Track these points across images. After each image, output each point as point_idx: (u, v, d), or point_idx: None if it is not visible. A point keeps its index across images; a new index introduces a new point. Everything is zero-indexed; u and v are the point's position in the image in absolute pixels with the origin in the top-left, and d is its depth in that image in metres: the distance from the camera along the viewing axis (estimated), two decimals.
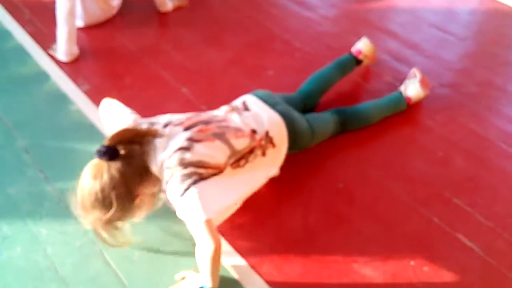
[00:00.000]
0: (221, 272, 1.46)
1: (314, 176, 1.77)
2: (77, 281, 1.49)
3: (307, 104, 1.93)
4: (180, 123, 1.48)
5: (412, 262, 1.49)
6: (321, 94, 2.02)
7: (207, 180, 1.36)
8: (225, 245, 1.55)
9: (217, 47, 2.44)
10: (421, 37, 2.47)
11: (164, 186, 1.38)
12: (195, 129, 1.45)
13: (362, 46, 2.15)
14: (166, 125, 1.47)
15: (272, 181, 1.71)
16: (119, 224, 1.39)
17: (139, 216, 1.44)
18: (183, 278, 1.46)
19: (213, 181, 1.38)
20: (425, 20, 2.59)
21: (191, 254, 1.50)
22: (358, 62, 2.16)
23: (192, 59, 2.36)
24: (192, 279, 1.44)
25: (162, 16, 2.69)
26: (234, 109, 1.64)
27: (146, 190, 1.38)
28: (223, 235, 1.57)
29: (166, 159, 1.36)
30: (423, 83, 2.01)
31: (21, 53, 2.42)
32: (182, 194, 1.32)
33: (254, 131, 1.55)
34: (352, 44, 2.22)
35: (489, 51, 2.37)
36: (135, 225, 1.50)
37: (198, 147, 1.40)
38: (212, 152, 1.42)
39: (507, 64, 2.29)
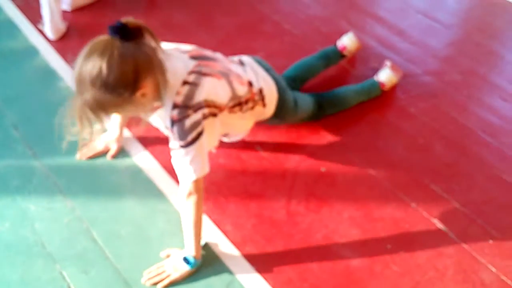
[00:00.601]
0: (205, 250, 1.52)
1: (297, 161, 1.82)
2: (64, 257, 1.53)
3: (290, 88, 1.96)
4: (186, 51, 1.44)
5: (389, 246, 1.56)
6: (304, 82, 2.05)
7: (207, 127, 1.35)
8: (209, 224, 1.60)
9: (208, 28, 2.45)
10: (408, 23, 2.50)
11: (168, 121, 1.33)
12: (202, 62, 1.41)
13: (348, 42, 2.17)
14: (173, 49, 1.43)
15: (256, 164, 1.76)
16: (108, 114, 1.29)
17: (130, 114, 1.36)
18: (168, 256, 1.51)
19: (208, 127, 1.37)
20: (412, 7, 2.62)
21: (176, 233, 1.55)
22: (342, 56, 2.19)
23: (182, 39, 2.32)
24: (177, 256, 1.48)
25: None
26: (231, 61, 1.63)
27: (149, 89, 1.26)
28: (208, 215, 1.62)
29: (182, 82, 1.32)
30: (393, 68, 2.08)
31: (10, 27, 2.40)
32: (184, 145, 1.32)
33: (250, 84, 1.57)
34: (340, 29, 2.26)
35: (474, 39, 2.41)
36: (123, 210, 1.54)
37: (205, 81, 1.36)
38: (218, 90, 1.41)
39: (491, 54, 2.33)
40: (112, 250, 1.54)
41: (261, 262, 1.52)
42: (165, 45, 1.40)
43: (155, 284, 1.45)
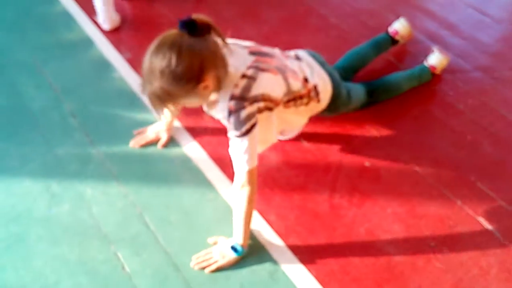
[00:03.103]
0: (250, 239, 1.57)
1: (341, 154, 1.84)
2: (119, 239, 1.62)
3: (342, 78, 1.98)
4: (245, 47, 1.51)
5: (432, 243, 1.57)
6: (356, 71, 2.07)
7: (260, 119, 1.41)
8: (255, 215, 1.66)
9: (253, 22, 2.48)
10: (458, 17, 2.46)
11: (225, 112, 1.40)
12: (260, 58, 1.47)
13: (399, 26, 2.18)
14: (233, 44, 1.49)
15: (301, 157, 1.79)
16: (173, 102, 1.35)
17: (192, 104, 1.44)
18: (215, 243, 1.58)
19: (264, 121, 1.44)
20: (463, 1, 2.57)
21: (223, 221, 1.61)
22: (394, 42, 2.19)
23: (229, 32, 2.41)
24: (224, 243, 1.55)
25: None
26: (288, 56, 1.68)
27: (212, 81, 1.33)
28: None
29: (236, 77, 1.39)
30: (441, 50, 2.08)
31: (67, 19, 2.51)
32: (239, 136, 1.38)
33: (306, 79, 1.62)
34: (388, 22, 2.25)
35: None
36: (173, 197, 1.61)
37: (262, 76, 1.42)
38: (274, 85, 1.47)
39: None
40: (163, 234, 1.62)
41: (304, 253, 1.57)
42: (228, 41, 1.45)
43: (203, 268, 1.52)
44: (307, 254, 1.56)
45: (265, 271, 1.53)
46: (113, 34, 2.40)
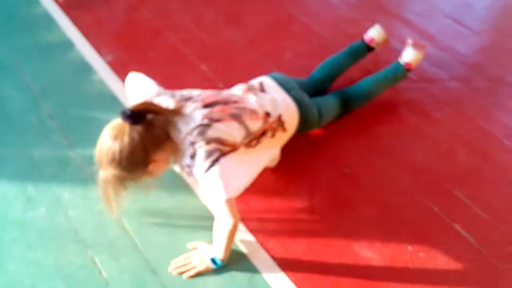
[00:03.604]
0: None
1: (321, 160, 1.86)
2: (96, 243, 1.60)
3: (318, 89, 2.00)
4: (200, 100, 1.54)
5: (409, 248, 1.59)
6: (333, 80, 2.08)
7: (227, 156, 1.44)
8: None
9: (237, 27, 2.49)
10: (436, 27, 2.51)
11: (187, 160, 1.44)
12: (214, 109, 1.52)
13: (375, 33, 2.20)
14: (187, 99, 1.54)
15: (281, 163, 1.80)
16: (129, 183, 1.44)
17: (147, 179, 1.49)
18: (194, 248, 1.57)
19: (231, 158, 1.46)
20: (441, 11, 2.62)
21: (203, 226, 1.61)
22: (370, 49, 2.21)
23: (212, 36, 2.42)
24: (204, 249, 1.54)
25: None
26: (251, 89, 1.70)
27: (161, 157, 1.43)
28: None
29: (188, 134, 1.43)
30: (415, 45, 2.08)
31: (48, 21, 2.49)
32: (206, 171, 1.40)
33: (267, 114, 1.63)
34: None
35: (502, 46, 2.41)
36: (152, 196, 1.61)
37: (217, 125, 1.47)
38: (230, 130, 1.50)
39: None
40: (142, 239, 1.61)
41: (283, 259, 1.57)
42: (185, 92, 1.57)
43: (181, 273, 1.51)
44: (286, 260, 1.56)
45: (244, 276, 1.52)
46: (94, 36, 2.38)
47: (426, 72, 2.16)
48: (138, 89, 1.69)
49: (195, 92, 1.60)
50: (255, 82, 1.77)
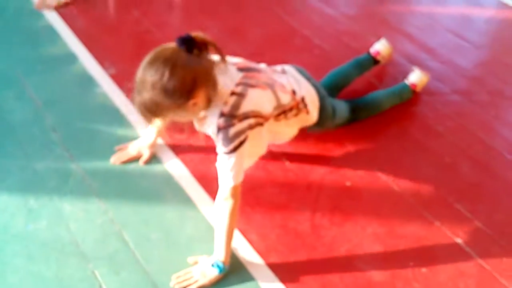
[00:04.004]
0: (231, 258, 1.56)
1: (323, 174, 1.86)
2: (97, 257, 1.59)
3: None
4: (234, 63, 1.51)
5: (411, 263, 1.58)
6: (339, 90, 2.10)
7: (253, 131, 1.43)
8: (236, 233, 1.65)
9: (239, 40, 2.51)
10: (437, 41, 2.52)
11: (214, 128, 1.41)
12: (248, 74, 1.49)
13: (381, 47, 2.24)
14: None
15: (283, 175, 1.80)
16: (161, 115, 1.37)
17: (180, 119, 1.45)
18: (195, 263, 1.56)
19: (255, 136, 1.45)
20: (442, 25, 2.64)
21: (204, 240, 1.60)
22: (375, 62, 2.24)
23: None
24: (205, 262, 1.54)
25: (185, 4, 2.76)
26: (274, 70, 1.70)
27: (201, 98, 1.35)
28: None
29: (225, 94, 1.40)
30: (422, 71, 2.14)
31: (51, 33, 2.51)
32: (227, 152, 1.40)
33: (294, 92, 1.64)
34: (370, 44, 2.30)
35: (503, 60, 2.42)
36: (153, 215, 1.61)
37: (251, 93, 1.43)
38: (263, 100, 1.49)
39: None
40: (142, 253, 1.60)
41: (284, 272, 1.56)
42: (215, 56, 1.48)
43: None
44: (287, 273, 1.56)
45: None
46: (97, 49, 2.39)
47: (428, 85, 2.17)
48: None
49: (229, 57, 1.54)
50: (277, 67, 1.77)
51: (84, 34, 2.50)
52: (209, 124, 1.45)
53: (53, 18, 2.60)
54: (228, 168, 1.42)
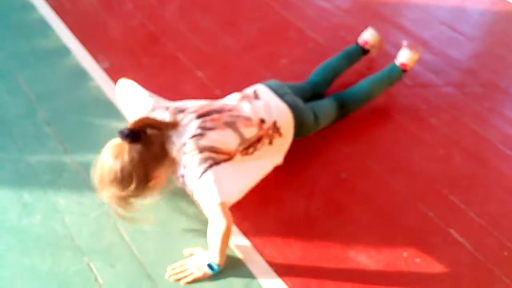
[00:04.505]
0: (227, 251, 1.57)
1: (318, 166, 1.86)
2: (92, 250, 1.60)
3: (316, 93, 2.01)
4: (194, 111, 1.56)
5: (405, 253, 1.60)
6: (330, 83, 2.10)
7: (221, 164, 1.45)
8: (232, 228, 1.65)
9: (233, 33, 2.50)
10: (431, 34, 2.52)
11: (181, 170, 1.47)
12: (207, 118, 1.53)
13: (368, 36, 2.23)
14: (181, 111, 1.56)
15: (278, 169, 1.80)
16: (132, 201, 1.47)
17: (151, 196, 1.53)
18: (191, 255, 1.57)
19: (226, 166, 1.48)
20: (436, 17, 2.64)
21: (199, 232, 1.61)
22: (365, 52, 2.24)
23: (208, 43, 2.43)
24: (200, 256, 1.54)
25: None
26: (245, 97, 1.72)
27: (161, 173, 1.46)
28: None
29: (182, 146, 1.46)
30: (410, 47, 2.10)
31: (44, 27, 2.49)
32: (200, 177, 1.41)
33: (262, 121, 1.63)
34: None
35: (496, 52, 2.43)
36: (148, 204, 1.60)
37: (210, 134, 1.49)
38: (224, 138, 1.51)
39: None
40: (137, 245, 1.60)
41: (279, 265, 1.57)
42: (178, 104, 1.59)
43: (178, 280, 1.51)
44: (282, 266, 1.56)
45: (241, 282, 1.52)
46: (90, 43, 2.38)
47: (421, 77, 2.17)
48: (132, 100, 1.70)
49: (189, 103, 1.62)
50: (249, 90, 1.78)
51: (77, 27, 2.49)
52: (179, 170, 1.50)
53: (46, 11, 2.58)
54: (208, 187, 1.41)
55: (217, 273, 1.53)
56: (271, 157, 1.71)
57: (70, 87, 2.17)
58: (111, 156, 1.38)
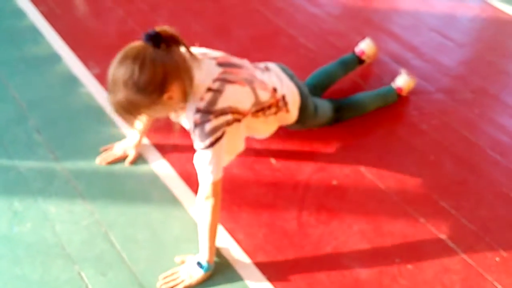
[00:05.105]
0: (217, 257, 1.57)
1: (309, 173, 1.87)
2: (83, 258, 1.59)
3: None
4: (214, 58, 1.51)
5: (397, 260, 1.60)
6: (324, 89, 2.11)
7: (231, 127, 1.43)
8: (223, 233, 1.65)
9: (224, 40, 2.51)
10: (421, 40, 2.54)
11: (187, 118, 1.42)
12: (228, 69, 1.48)
13: (366, 47, 2.25)
14: (202, 54, 1.50)
15: (269, 175, 1.81)
16: (138, 113, 1.35)
17: (157, 115, 1.47)
18: (182, 262, 1.56)
19: (233, 132, 1.45)
20: (426, 24, 2.66)
21: (191, 239, 1.60)
22: (360, 61, 2.25)
23: (197, 45, 2.42)
24: (191, 262, 1.54)
25: (170, 4, 2.75)
26: (257, 67, 1.70)
27: (176, 92, 1.34)
28: (221, 223, 1.67)
29: (199, 90, 1.39)
30: (410, 74, 2.16)
31: (34, 34, 2.47)
32: (203, 148, 1.40)
33: (275, 90, 1.64)
34: (354, 43, 2.31)
35: (486, 58, 2.45)
36: (140, 215, 1.60)
37: (229, 89, 1.42)
38: (241, 97, 1.48)
39: (503, 73, 2.37)
40: (129, 253, 1.60)
41: (271, 271, 1.57)
42: (196, 50, 1.48)
43: None
44: (274, 272, 1.56)
45: None
46: (81, 49, 2.37)
47: (414, 76, 2.18)
48: None
49: (210, 51, 1.56)
50: (260, 64, 1.76)
51: (68, 34, 2.48)
52: (187, 119, 1.45)
53: (36, 18, 2.57)
54: (206, 163, 1.41)
55: (209, 276, 1.53)
56: (271, 127, 1.74)
57: (61, 94, 2.16)
58: (130, 55, 1.26)
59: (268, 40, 2.52)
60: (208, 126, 1.38)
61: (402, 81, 2.13)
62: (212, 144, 1.39)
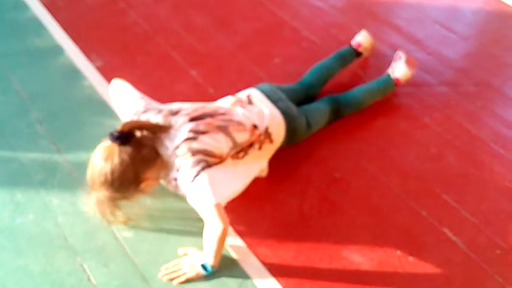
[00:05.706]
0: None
1: (312, 166, 1.87)
2: (85, 250, 1.59)
3: (309, 94, 2.02)
4: (187, 114, 1.55)
5: (398, 252, 1.60)
6: (323, 84, 2.10)
7: (212, 167, 1.45)
8: None
9: (227, 32, 2.50)
10: (424, 33, 2.53)
11: (174, 173, 1.46)
12: (200, 121, 1.52)
13: (362, 39, 2.24)
14: (174, 114, 1.55)
15: (271, 169, 1.80)
16: (122, 203, 1.49)
17: (140, 198, 1.54)
18: (185, 254, 1.57)
19: (218, 169, 1.47)
20: (430, 17, 2.64)
21: (192, 232, 1.61)
22: (358, 54, 2.24)
23: (202, 41, 2.42)
24: (194, 256, 1.54)
25: None
26: (239, 101, 1.72)
27: (152, 175, 1.46)
28: None
29: (174, 149, 1.45)
30: (408, 62, 2.12)
31: (37, 26, 2.48)
32: (193, 180, 1.40)
33: (255, 126, 1.64)
34: None
35: (489, 51, 2.44)
36: (141, 203, 1.60)
37: (203, 137, 1.48)
38: (216, 142, 1.51)
39: (506, 66, 2.35)
40: (131, 245, 1.60)
41: (273, 264, 1.57)
42: (171, 106, 1.58)
43: (171, 279, 1.51)
44: (276, 265, 1.57)
45: (235, 282, 1.52)
46: (84, 42, 2.37)
47: (415, 77, 2.18)
48: (125, 102, 1.69)
49: (182, 105, 1.61)
50: (242, 94, 1.78)
51: (70, 26, 2.48)
52: (171, 174, 1.48)
53: (39, 10, 2.57)
54: (202, 190, 1.40)
55: (211, 274, 1.53)
56: (258, 161, 1.71)
57: (63, 86, 2.16)
58: (101, 158, 1.38)
59: (271, 33, 2.51)
60: (188, 162, 1.43)
61: (401, 72, 2.10)
62: (199, 172, 1.41)
